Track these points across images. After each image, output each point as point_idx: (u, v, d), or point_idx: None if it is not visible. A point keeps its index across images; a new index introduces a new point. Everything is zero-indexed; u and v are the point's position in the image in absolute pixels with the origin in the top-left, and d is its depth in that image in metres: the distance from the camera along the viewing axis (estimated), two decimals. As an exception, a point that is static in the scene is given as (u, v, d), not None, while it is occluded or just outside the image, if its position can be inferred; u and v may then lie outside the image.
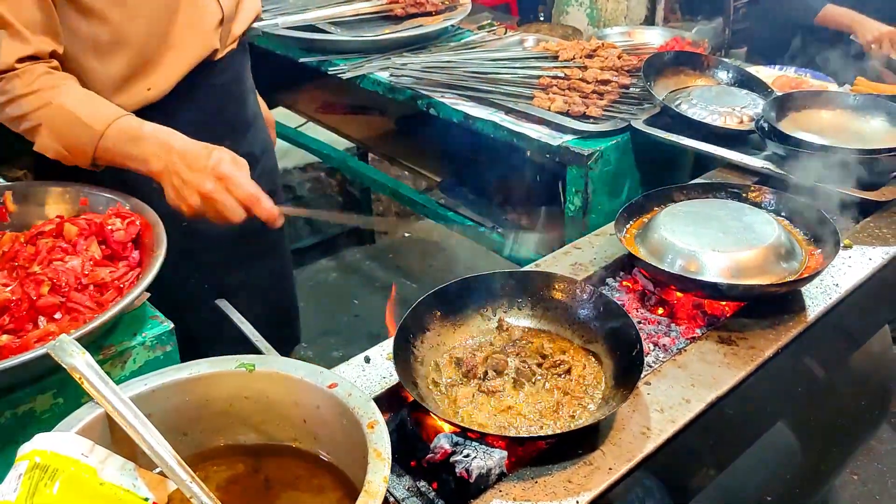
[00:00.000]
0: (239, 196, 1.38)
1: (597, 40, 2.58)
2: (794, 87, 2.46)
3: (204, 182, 1.37)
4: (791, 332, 1.42)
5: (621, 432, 1.19)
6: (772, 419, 1.62)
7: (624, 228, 1.62)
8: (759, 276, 1.44)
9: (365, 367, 1.34)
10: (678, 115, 2.03)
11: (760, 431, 1.56)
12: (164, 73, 1.59)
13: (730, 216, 1.56)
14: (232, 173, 1.38)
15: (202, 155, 1.39)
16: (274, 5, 2.84)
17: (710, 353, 1.37)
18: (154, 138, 1.42)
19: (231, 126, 1.82)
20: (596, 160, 2.02)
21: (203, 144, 1.42)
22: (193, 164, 1.38)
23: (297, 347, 3.35)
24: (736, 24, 4.06)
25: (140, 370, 1.31)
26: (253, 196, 1.39)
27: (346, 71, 2.49)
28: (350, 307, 3.66)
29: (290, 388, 1.03)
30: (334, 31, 2.68)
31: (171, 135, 1.43)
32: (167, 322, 1.35)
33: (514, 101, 2.24)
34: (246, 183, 1.39)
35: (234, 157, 1.41)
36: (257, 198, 1.39)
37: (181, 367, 1.04)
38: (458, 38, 2.75)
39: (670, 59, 2.31)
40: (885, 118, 1.92)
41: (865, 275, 1.57)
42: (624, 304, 1.54)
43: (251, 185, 1.40)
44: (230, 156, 1.40)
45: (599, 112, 2.15)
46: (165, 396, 1.01)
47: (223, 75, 1.74)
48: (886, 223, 1.72)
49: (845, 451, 2.32)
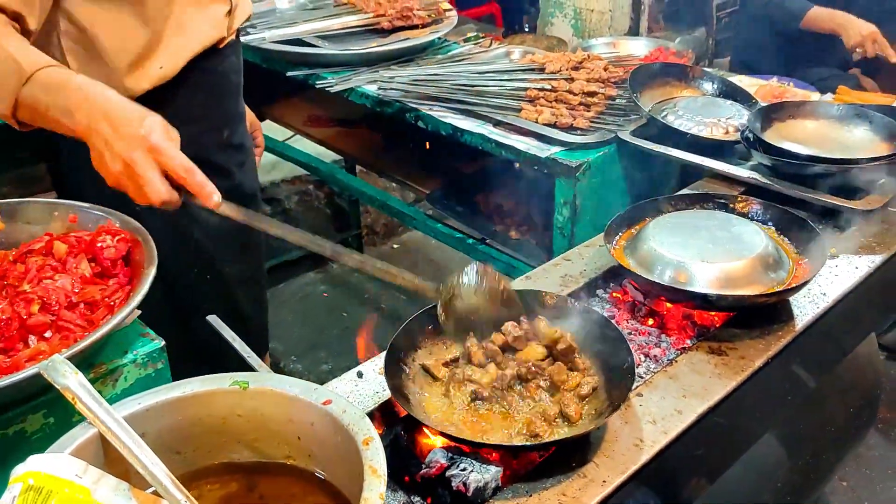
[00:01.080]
0: (172, 168, 1.26)
1: (583, 52, 2.60)
2: (778, 96, 2.49)
3: (130, 150, 1.24)
4: (780, 341, 1.43)
5: (614, 444, 1.20)
6: (762, 428, 1.63)
7: (613, 240, 1.63)
8: (747, 286, 1.45)
9: (358, 382, 1.34)
10: (665, 126, 2.05)
11: (752, 441, 1.56)
12: (176, 52, 1.61)
13: (718, 227, 1.57)
14: (163, 144, 1.26)
15: (133, 119, 1.26)
16: (261, 20, 2.85)
17: (701, 364, 1.37)
18: (81, 90, 1.30)
19: (230, 115, 1.86)
20: (584, 171, 2.03)
21: (136, 107, 1.30)
22: (121, 128, 1.25)
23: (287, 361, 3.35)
24: (719, 33, 4.09)
25: (131, 388, 1.30)
26: (188, 168, 1.27)
27: (334, 84, 2.50)
28: (339, 320, 3.65)
29: (284, 406, 1.02)
30: (322, 44, 2.69)
31: (101, 89, 1.31)
32: (158, 339, 1.35)
33: (502, 113, 2.25)
34: (178, 155, 1.27)
35: (167, 127, 1.29)
36: (191, 170, 1.27)
37: (174, 385, 1.03)
38: (445, 51, 2.77)
39: (656, 70, 2.33)
40: (867, 127, 1.94)
41: (852, 283, 1.59)
42: (614, 316, 1.55)
43: (184, 158, 1.27)
44: (163, 124, 1.28)
45: (587, 124, 2.16)
46: (159, 415, 1.01)
47: (224, 64, 1.78)
48: (872, 232, 1.74)
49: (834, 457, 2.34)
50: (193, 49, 1.65)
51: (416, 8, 2.88)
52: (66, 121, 1.30)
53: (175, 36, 1.60)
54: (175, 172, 1.26)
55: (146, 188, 1.25)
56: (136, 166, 1.23)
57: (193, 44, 1.64)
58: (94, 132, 1.27)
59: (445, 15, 2.92)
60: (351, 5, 2.96)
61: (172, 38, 1.60)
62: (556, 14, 4.95)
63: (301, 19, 2.87)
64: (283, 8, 3.08)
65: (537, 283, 1.61)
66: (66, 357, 1.00)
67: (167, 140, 1.26)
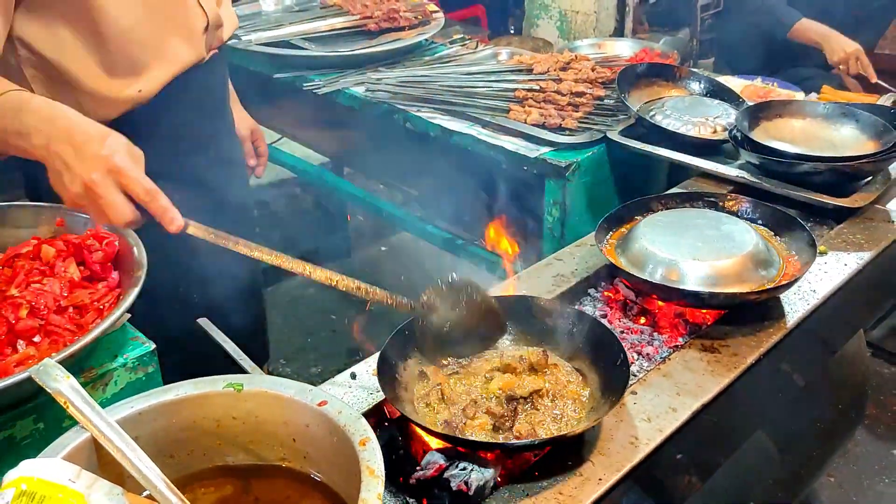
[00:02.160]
0: (135, 191, 1.20)
1: (570, 53, 2.61)
2: (763, 96, 2.51)
3: (91, 171, 1.18)
4: (772, 338, 1.44)
5: (609, 442, 1.20)
6: (754, 425, 1.64)
7: (604, 239, 1.63)
8: (738, 283, 1.46)
9: (351, 383, 1.33)
10: (653, 126, 2.06)
11: (744, 437, 1.57)
12: (154, 76, 1.59)
13: (708, 225, 1.58)
14: (126, 166, 1.19)
15: (93, 139, 1.20)
16: (248, 22, 2.84)
17: (694, 362, 1.38)
18: (39, 112, 1.25)
19: (215, 130, 1.84)
20: (573, 171, 2.03)
21: (97, 126, 1.24)
22: (82, 149, 1.20)
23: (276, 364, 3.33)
24: (703, 34, 4.12)
25: (122, 392, 1.29)
26: (150, 191, 1.20)
27: (322, 86, 2.49)
28: (328, 322, 3.64)
29: (279, 407, 1.02)
30: (308, 46, 2.69)
31: (60, 110, 1.26)
32: (148, 343, 1.33)
33: (491, 114, 2.25)
34: (142, 177, 1.21)
35: (131, 148, 1.23)
36: (154, 194, 1.21)
37: (167, 388, 1.02)
38: (432, 53, 2.77)
39: (643, 70, 2.34)
40: (854, 126, 1.96)
41: (841, 280, 1.60)
42: (606, 315, 1.55)
43: (147, 181, 1.21)
44: (126, 145, 1.22)
45: (575, 124, 2.17)
46: (152, 419, 1.00)
47: (207, 79, 1.75)
48: (860, 229, 1.75)
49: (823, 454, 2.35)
50: (172, 71, 1.62)
51: (402, 10, 2.87)
52: (22, 143, 1.25)
53: (152, 59, 1.57)
54: (137, 195, 1.20)
55: (108, 210, 1.19)
56: (96, 187, 1.18)
57: (172, 67, 1.61)
58: (52, 154, 1.21)
59: (432, 17, 2.92)
60: (337, 7, 2.95)
61: (150, 62, 1.57)
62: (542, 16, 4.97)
63: (287, 21, 2.86)
64: (268, 10, 3.08)
65: (529, 283, 1.61)
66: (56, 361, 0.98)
67: (130, 160, 1.21)
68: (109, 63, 1.53)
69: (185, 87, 1.67)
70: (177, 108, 1.68)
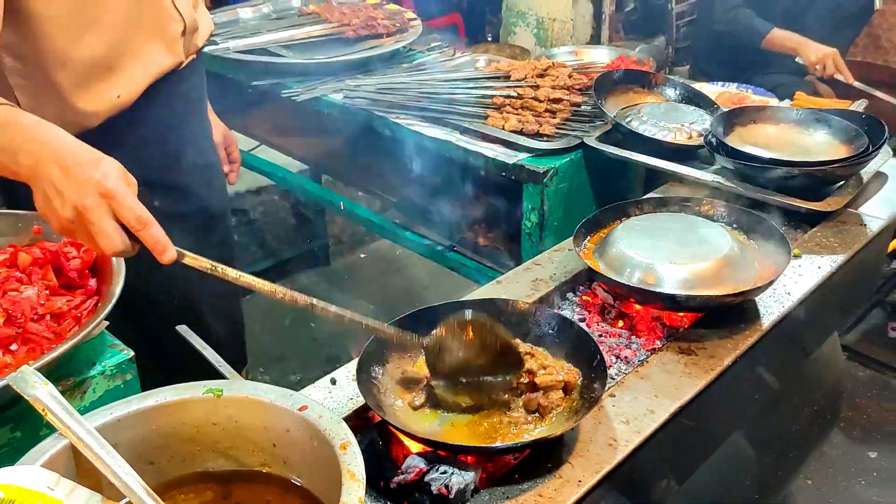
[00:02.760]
0: (127, 218, 1.12)
1: (547, 60, 2.63)
2: (737, 102, 2.54)
3: (84, 196, 1.11)
4: (748, 340, 1.45)
5: (589, 444, 1.21)
6: (731, 428, 1.66)
7: (582, 243, 1.64)
8: (714, 286, 1.48)
9: (332, 388, 1.33)
10: (629, 132, 2.08)
11: (721, 439, 1.59)
12: (132, 80, 1.58)
13: (684, 229, 1.60)
14: (120, 191, 1.12)
15: (86, 163, 1.14)
16: (225, 29, 2.83)
17: (671, 364, 1.39)
18: (29, 130, 1.19)
19: (194, 135, 1.84)
20: (551, 177, 2.05)
21: (89, 150, 1.18)
22: (74, 172, 1.13)
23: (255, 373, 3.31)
24: (678, 42, 4.17)
25: (100, 400, 1.28)
26: (143, 219, 1.13)
27: (300, 94, 2.49)
28: (307, 330, 3.63)
29: (259, 412, 1.02)
30: (286, 54, 2.68)
31: (54, 131, 1.20)
32: (127, 350, 1.33)
33: (469, 120, 2.26)
34: (135, 204, 1.14)
35: (124, 173, 1.17)
36: (147, 222, 1.13)
37: (147, 394, 1.02)
38: (411, 60, 2.77)
39: (619, 77, 2.37)
40: (826, 131, 1.99)
41: (815, 283, 1.62)
42: (584, 319, 1.56)
43: (140, 208, 1.14)
44: (120, 170, 1.16)
45: (553, 130, 2.18)
46: (132, 425, 0.99)
47: (186, 84, 1.76)
48: (833, 232, 1.78)
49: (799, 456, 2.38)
50: (152, 75, 1.62)
51: (380, 17, 2.88)
52: (7, 161, 1.19)
53: (131, 64, 1.57)
54: (128, 222, 1.12)
55: (99, 238, 1.12)
56: (89, 213, 1.11)
57: (151, 71, 1.62)
58: (40, 176, 1.15)
59: (410, 24, 2.93)
60: (315, 15, 2.96)
61: (128, 67, 1.57)
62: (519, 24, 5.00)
63: (265, 29, 2.86)
64: (246, 18, 3.07)
65: (508, 288, 1.62)
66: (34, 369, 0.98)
67: (124, 186, 1.14)
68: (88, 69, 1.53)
69: (164, 92, 1.67)
70: (157, 114, 1.69)
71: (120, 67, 1.56)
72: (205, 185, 1.87)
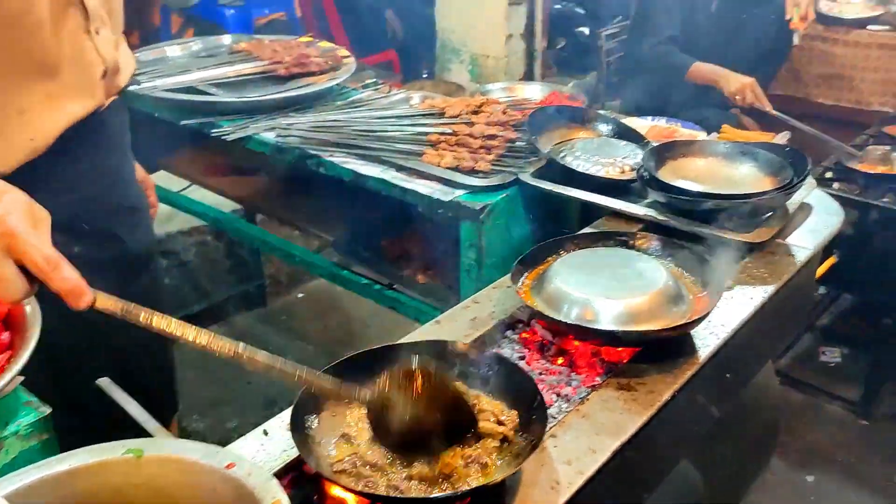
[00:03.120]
0: (33, 260, 0.98)
1: (481, 96, 2.64)
2: (667, 136, 2.59)
3: None
4: (686, 373, 1.46)
5: (531, 489, 1.18)
6: (675, 458, 1.66)
7: (520, 280, 1.63)
8: (651, 320, 1.48)
9: (263, 440, 1.28)
10: (563, 168, 2.09)
11: (667, 470, 1.58)
12: (47, 124, 1.52)
13: (620, 264, 1.60)
14: (22, 230, 0.98)
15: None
16: (152, 68, 2.77)
17: (612, 401, 1.38)
18: None
19: (118, 177, 1.78)
20: (488, 214, 2.04)
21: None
22: None
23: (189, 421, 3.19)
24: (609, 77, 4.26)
25: (14, 462, 1.20)
26: (52, 260, 0.99)
27: (231, 133, 2.44)
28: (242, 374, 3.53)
29: (183, 472, 0.96)
30: (216, 92, 2.64)
31: None
32: (44, 407, 1.25)
33: (404, 157, 2.25)
34: (43, 244, 1.00)
35: (32, 207, 1.03)
36: (56, 264, 1.00)
37: (61, 458, 0.96)
38: (345, 97, 2.76)
39: (553, 113, 2.39)
40: (752, 164, 2.03)
41: (748, 313, 1.64)
42: (524, 356, 1.54)
43: (48, 248, 1.00)
44: (26, 204, 1.02)
45: (488, 167, 2.18)
46: (45, 492, 0.93)
47: (108, 127, 1.70)
48: (763, 263, 1.81)
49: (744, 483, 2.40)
50: (67, 120, 1.55)
51: (313, 55, 2.86)
52: None
53: (44, 109, 1.50)
54: (35, 264, 0.98)
55: None
56: None
57: (67, 114, 1.55)
58: None
59: (343, 62, 2.91)
60: (246, 53, 2.92)
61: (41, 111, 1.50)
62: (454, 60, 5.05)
63: (194, 67, 2.80)
64: (174, 56, 3.02)
65: (446, 328, 1.60)
66: (-64, 434, 0.91)
67: (27, 224, 0.99)
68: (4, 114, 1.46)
69: (84, 133, 1.61)
70: (77, 156, 1.62)
71: (30, 111, 1.49)
72: (129, 229, 1.81)
